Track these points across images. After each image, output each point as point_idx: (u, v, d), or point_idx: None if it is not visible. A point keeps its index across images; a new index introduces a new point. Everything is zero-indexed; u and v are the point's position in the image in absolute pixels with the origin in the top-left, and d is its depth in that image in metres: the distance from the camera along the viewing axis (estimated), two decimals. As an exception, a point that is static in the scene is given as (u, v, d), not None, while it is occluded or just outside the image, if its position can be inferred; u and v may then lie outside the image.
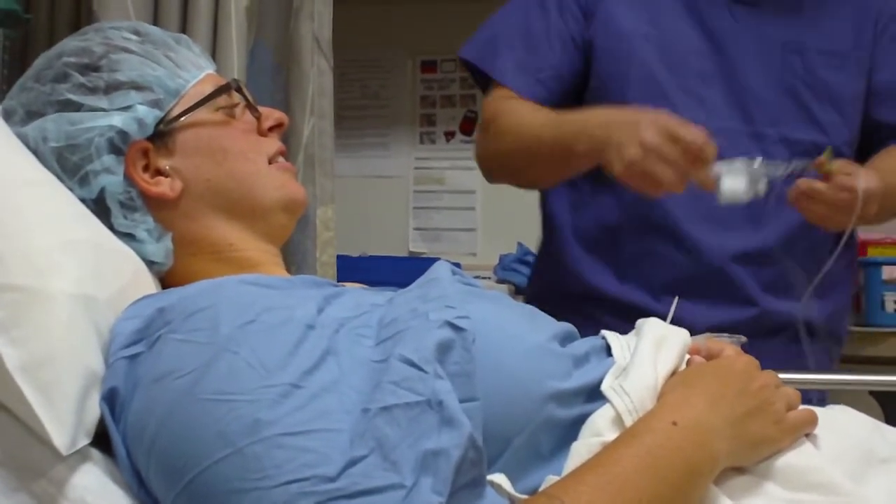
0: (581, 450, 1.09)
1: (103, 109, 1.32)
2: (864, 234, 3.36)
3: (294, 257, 2.09)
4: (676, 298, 1.51)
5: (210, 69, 1.43)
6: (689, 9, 2.03)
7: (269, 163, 1.40)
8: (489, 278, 3.54)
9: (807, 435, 1.21)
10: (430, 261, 1.31)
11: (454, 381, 1.02)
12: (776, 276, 1.97)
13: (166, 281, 1.35)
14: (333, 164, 2.24)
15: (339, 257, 2.30)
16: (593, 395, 1.18)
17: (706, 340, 1.32)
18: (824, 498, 1.10)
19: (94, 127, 1.31)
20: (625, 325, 1.37)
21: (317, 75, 2.18)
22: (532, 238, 3.71)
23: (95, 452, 1.07)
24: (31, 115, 1.33)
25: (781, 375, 1.25)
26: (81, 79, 1.32)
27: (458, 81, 4.05)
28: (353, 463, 0.92)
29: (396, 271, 1.80)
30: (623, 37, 2.03)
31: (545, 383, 1.15)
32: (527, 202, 3.91)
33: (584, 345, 1.28)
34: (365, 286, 1.43)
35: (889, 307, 3.25)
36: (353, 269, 2.79)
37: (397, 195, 4.07)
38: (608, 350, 1.29)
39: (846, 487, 1.11)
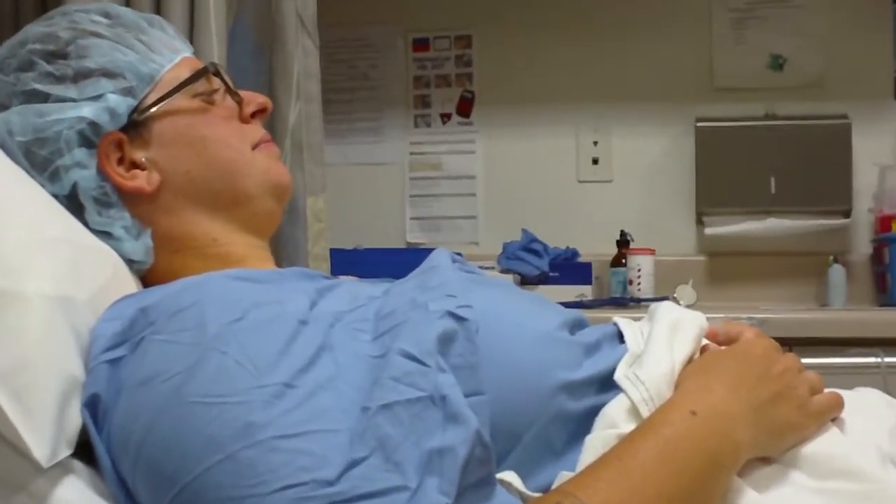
0: (596, 443, 1.10)
1: (72, 99, 1.32)
2: (888, 209, 3.37)
3: (285, 250, 2.09)
4: (691, 280, 1.52)
5: (186, 52, 1.43)
6: None
7: (253, 149, 1.40)
8: (493, 268, 3.53)
9: (833, 420, 1.22)
10: (430, 252, 1.31)
11: (458, 375, 1.02)
12: None
13: (148, 279, 1.36)
14: (323, 151, 2.24)
15: (332, 251, 2.29)
16: (606, 384, 1.18)
17: (724, 323, 1.32)
18: (854, 485, 1.10)
19: (62, 119, 1.31)
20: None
21: (302, 56, 2.18)
22: (537, 224, 3.72)
23: (78, 464, 1.08)
24: (-4, 107, 1.33)
25: (804, 360, 1.25)
26: (48, 67, 1.32)
27: (452, 60, 4.03)
28: (353, 465, 0.93)
29: (394, 264, 1.79)
30: None
31: (554, 374, 1.15)
32: (530, 186, 3.93)
33: (594, 332, 1.28)
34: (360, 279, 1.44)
35: (915, 286, 3.26)
36: (348, 263, 2.79)
37: (392, 183, 4.05)
38: (621, 337, 1.29)
39: (876, 473, 1.11)
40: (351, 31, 4.04)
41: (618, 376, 1.18)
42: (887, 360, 1.99)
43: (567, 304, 1.35)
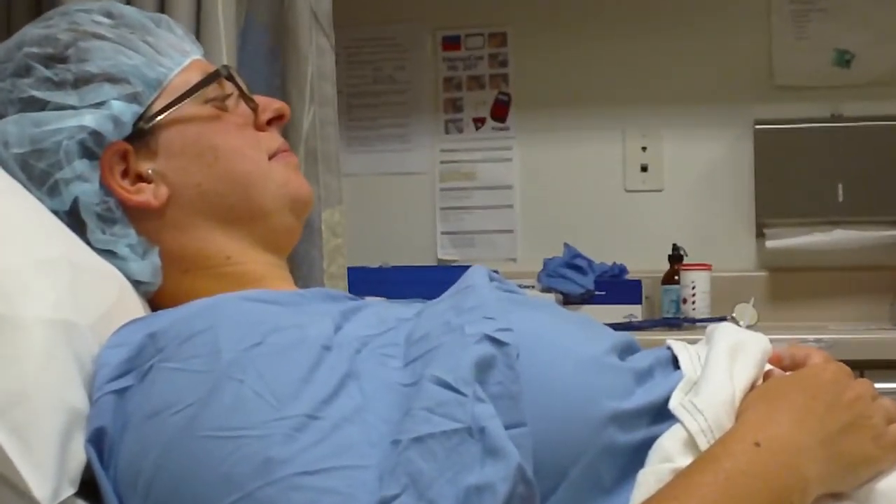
0: (649, 479, 1.09)
1: (72, 107, 1.32)
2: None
3: (299, 269, 2.09)
4: (752, 298, 1.51)
5: (196, 54, 1.43)
6: None
7: (269, 159, 1.40)
8: (532, 287, 3.53)
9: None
10: (463, 269, 1.31)
11: (497, 405, 1.02)
12: None
13: (156, 302, 1.36)
14: (340, 160, 2.24)
15: (356, 269, 2.30)
16: (660, 414, 1.18)
17: (789, 346, 1.32)
18: (937, 523, 1.10)
19: (62, 128, 1.31)
20: None
21: (316, 55, 2.18)
22: (580, 238, 3.72)
23: (82, 504, 1.08)
24: (-10, 116, 1.33)
25: (878, 385, 1.24)
26: (46, 72, 1.32)
27: (486, 59, 4.03)
28: (383, 504, 0.93)
29: (424, 283, 1.80)
30: None
31: (603, 403, 1.15)
32: (573, 197, 3.92)
33: (646, 357, 1.27)
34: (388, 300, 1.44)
35: None
36: (373, 283, 2.80)
37: (421, 195, 4.05)
38: (675, 362, 1.29)
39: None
40: (374, 30, 4.05)
41: (673, 405, 1.17)
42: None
43: (615, 326, 1.34)
